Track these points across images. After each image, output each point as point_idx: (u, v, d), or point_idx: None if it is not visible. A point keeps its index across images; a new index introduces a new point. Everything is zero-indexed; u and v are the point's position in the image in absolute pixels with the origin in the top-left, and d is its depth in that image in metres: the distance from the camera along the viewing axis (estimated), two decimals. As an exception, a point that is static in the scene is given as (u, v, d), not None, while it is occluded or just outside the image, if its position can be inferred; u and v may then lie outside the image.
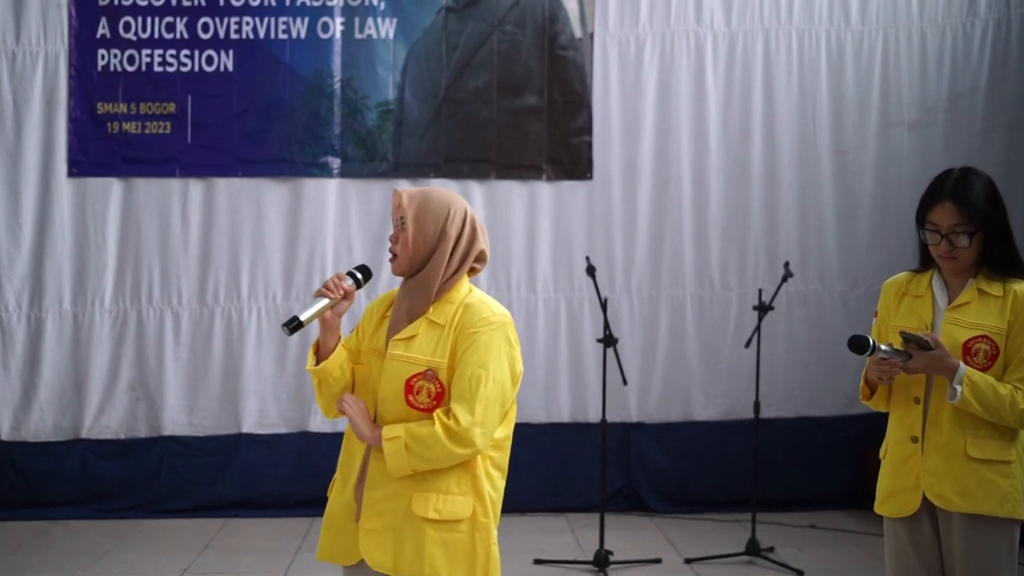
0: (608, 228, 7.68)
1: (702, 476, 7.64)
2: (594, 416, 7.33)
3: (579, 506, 7.46)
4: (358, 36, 7.56)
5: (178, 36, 7.52)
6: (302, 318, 3.13)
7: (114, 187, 7.51)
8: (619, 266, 7.67)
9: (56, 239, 7.47)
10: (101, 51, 7.51)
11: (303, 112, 7.56)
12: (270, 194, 7.56)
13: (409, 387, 3.12)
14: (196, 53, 7.53)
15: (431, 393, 3.10)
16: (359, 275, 3.25)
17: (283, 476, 7.50)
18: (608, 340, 6.25)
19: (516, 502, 7.48)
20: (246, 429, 7.51)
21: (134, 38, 7.52)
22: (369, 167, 7.58)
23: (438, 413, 3.05)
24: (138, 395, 7.52)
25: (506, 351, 3.14)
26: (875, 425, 6.61)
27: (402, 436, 3.04)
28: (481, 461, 3.17)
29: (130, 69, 7.52)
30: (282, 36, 7.54)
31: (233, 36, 7.54)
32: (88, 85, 7.50)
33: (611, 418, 7.19)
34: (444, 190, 3.30)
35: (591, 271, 6.34)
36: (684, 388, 7.73)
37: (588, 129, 7.65)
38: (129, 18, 7.50)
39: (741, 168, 7.74)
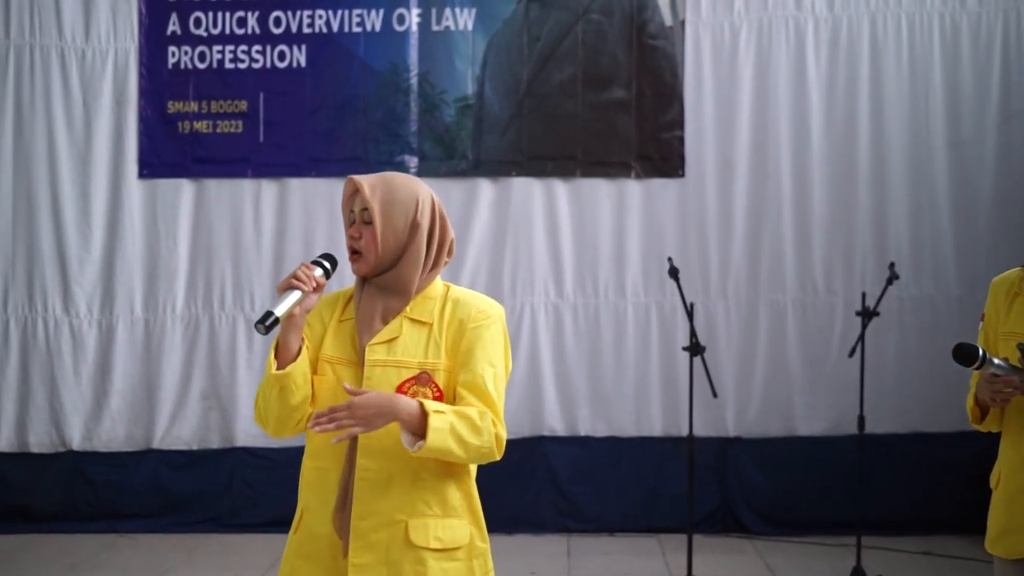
0: (702, 228, 7.17)
1: (804, 495, 7.05)
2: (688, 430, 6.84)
3: (671, 526, 6.93)
4: (435, 28, 7.18)
5: (249, 31, 7.23)
6: (278, 313, 2.68)
7: (185, 189, 7.25)
8: (714, 269, 7.15)
9: (127, 243, 7.22)
10: (171, 48, 7.25)
11: (378, 109, 7.20)
12: (340, 196, 7.19)
13: (401, 393, 2.71)
14: (268, 48, 7.23)
15: (428, 398, 2.70)
16: (327, 265, 2.84)
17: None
18: (695, 348, 5.75)
19: (603, 522, 7.11)
20: (318, 441, 7.16)
21: (205, 34, 7.25)
22: (447, 166, 7.20)
23: (481, 411, 2.71)
24: (210, 404, 7.24)
25: (504, 345, 2.85)
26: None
27: (447, 412, 2.66)
28: (470, 476, 2.84)
29: (201, 66, 7.25)
30: (356, 29, 7.19)
31: (306, 30, 7.22)
32: (158, 84, 7.25)
33: (706, 432, 6.75)
34: (404, 175, 2.92)
35: (674, 273, 5.87)
36: (785, 400, 7.17)
37: (680, 123, 7.15)
38: (200, 13, 7.23)
39: (846, 163, 7.16)
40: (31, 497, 7.15)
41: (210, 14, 7.23)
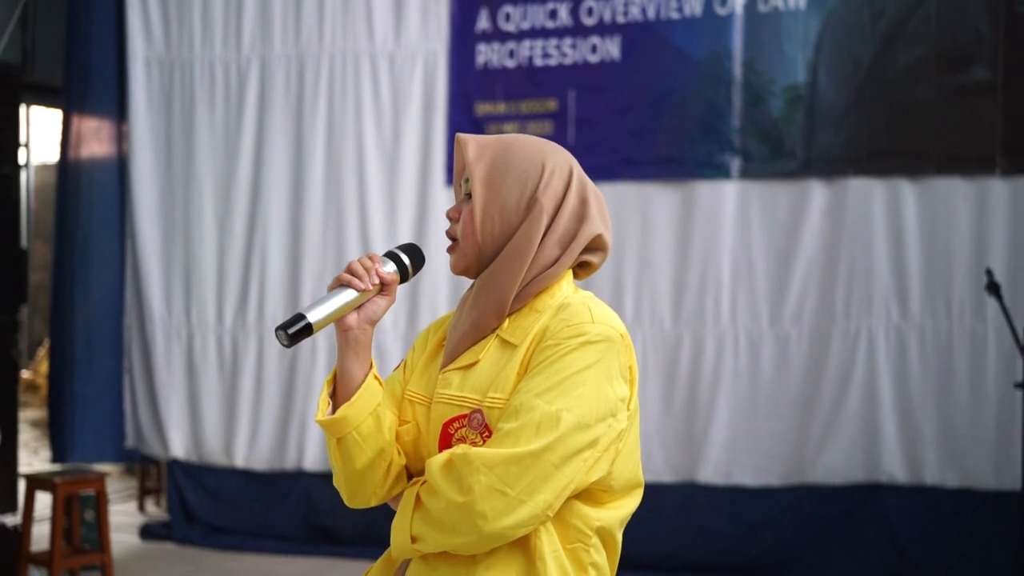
0: (1088, 237, 5.83)
1: None
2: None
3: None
4: (762, 9, 6.26)
5: (560, 24, 6.64)
6: (311, 318, 1.90)
7: (492, 196, 6.74)
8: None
9: (432, 254, 6.78)
10: (480, 46, 6.78)
11: (696, 103, 6.38)
12: (657, 200, 6.45)
13: (445, 437, 1.93)
14: (579, 42, 6.60)
15: (477, 445, 1.89)
16: (405, 258, 2.02)
17: (665, 532, 6.32)
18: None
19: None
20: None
21: (514, 30, 6.72)
22: (774, 166, 6.26)
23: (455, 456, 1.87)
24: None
25: (598, 387, 1.87)
26: None
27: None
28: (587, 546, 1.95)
29: (510, 65, 6.73)
30: (674, 16, 6.41)
31: (619, 20, 6.52)
32: (466, 85, 6.80)
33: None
34: (536, 138, 2.07)
35: (993, 288, 4.70)
36: None
37: (1061, 109, 5.85)
38: (510, 8, 6.72)
39: None
40: (336, 519, 6.88)
41: (520, 8, 6.70)
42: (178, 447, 7.15)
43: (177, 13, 7.16)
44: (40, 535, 6.44)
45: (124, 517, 7.68)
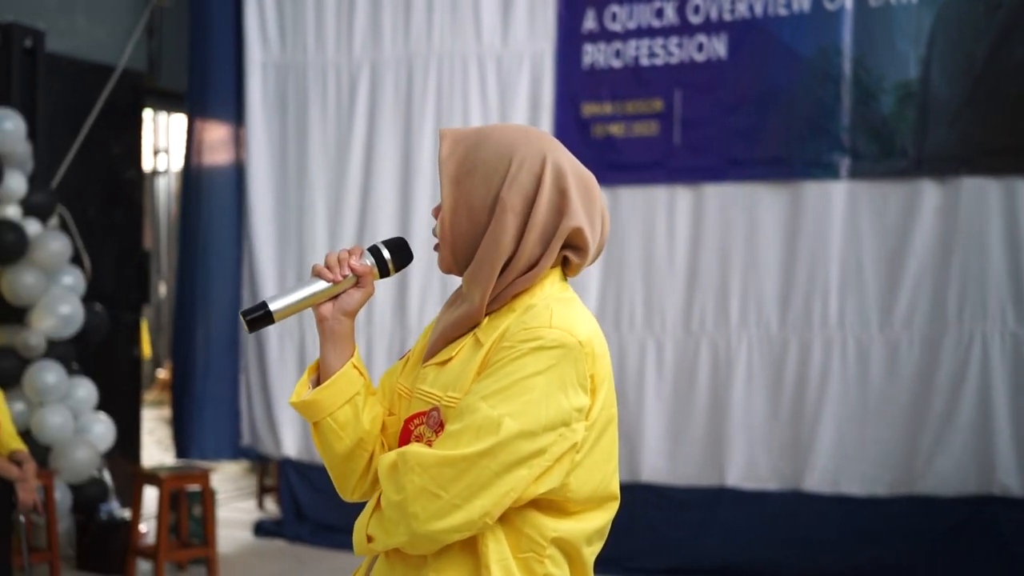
0: None
1: None
2: None
3: None
4: (873, 3, 6.05)
5: (667, 23, 6.54)
6: (272, 307, 1.93)
7: (599, 198, 6.68)
8: None
9: (539, 257, 6.78)
10: (586, 46, 6.73)
11: (804, 101, 6.21)
12: (764, 201, 6.30)
13: (405, 433, 1.91)
14: (685, 41, 6.49)
15: (431, 444, 1.86)
16: (385, 253, 2.00)
17: (770, 542, 6.17)
18: None
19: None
20: (730, 482, 6.29)
21: (620, 29, 6.65)
22: (884, 165, 6.05)
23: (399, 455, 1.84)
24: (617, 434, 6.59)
25: (547, 395, 1.80)
26: None
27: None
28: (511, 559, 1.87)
29: (616, 65, 6.66)
30: (782, 12, 6.25)
31: (726, 17, 6.39)
32: (572, 85, 6.75)
33: None
34: (516, 126, 1.98)
35: None
36: None
37: None
38: (616, 7, 6.65)
39: None
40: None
41: (627, 7, 6.62)
42: (290, 446, 7.26)
43: (292, 18, 7.28)
44: (153, 529, 6.62)
45: (242, 514, 7.85)
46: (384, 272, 2.00)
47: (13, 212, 6.34)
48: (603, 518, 1.95)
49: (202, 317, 7.47)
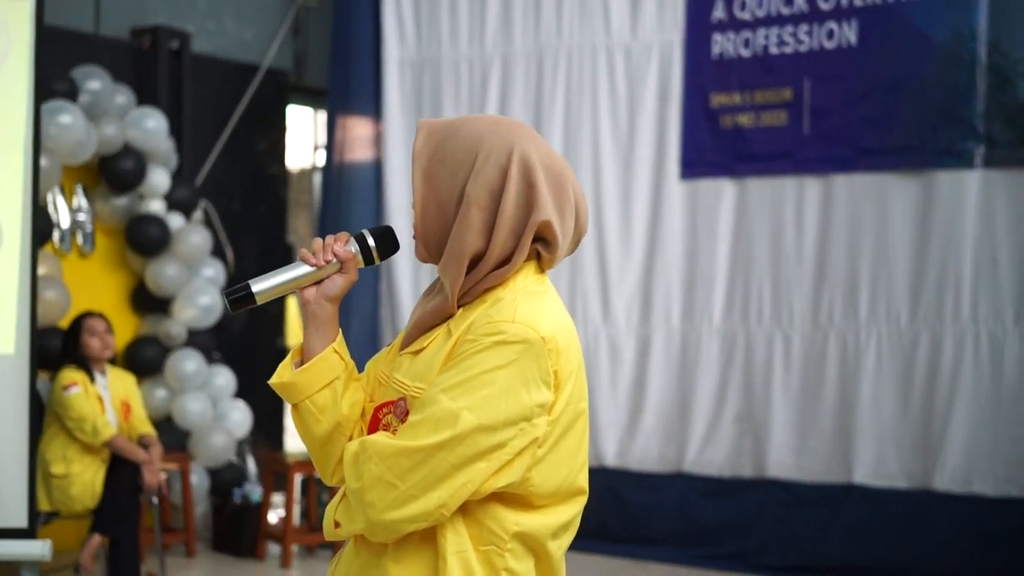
0: None
1: None
2: None
3: None
4: (1009, -14, 5.84)
5: (796, 10, 6.41)
6: (255, 288, 1.96)
7: (726, 189, 6.61)
8: None
9: (666, 248, 6.74)
10: (716, 36, 6.65)
11: (937, 88, 6.01)
12: (895, 191, 6.13)
13: (375, 421, 1.93)
14: (815, 28, 6.35)
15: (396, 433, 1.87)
16: (370, 240, 2.00)
17: (898, 541, 6.00)
18: None
19: None
20: (858, 479, 6.14)
21: (750, 18, 6.55)
22: (1021, 153, 5.81)
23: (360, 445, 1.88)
24: (744, 428, 6.52)
25: (506, 391, 1.79)
26: None
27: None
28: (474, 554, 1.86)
29: (745, 54, 6.57)
30: (916, -4, 6.08)
31: (857, 3, 6.24)
32: (701, 76, 6.69)
33: None
34: (488, 118, 1.94)
35: None
36: None
37: None
38: (746, -4, 6.57)
39: None
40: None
41: (758, -5, 6.54)
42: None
43: (428, 14, 7.39)
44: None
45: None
46: (368, 260, 2.01)
47: (157, 207, 6.63)
48: (569, 512, 1.92)
49: (341, 310, 7.64)
